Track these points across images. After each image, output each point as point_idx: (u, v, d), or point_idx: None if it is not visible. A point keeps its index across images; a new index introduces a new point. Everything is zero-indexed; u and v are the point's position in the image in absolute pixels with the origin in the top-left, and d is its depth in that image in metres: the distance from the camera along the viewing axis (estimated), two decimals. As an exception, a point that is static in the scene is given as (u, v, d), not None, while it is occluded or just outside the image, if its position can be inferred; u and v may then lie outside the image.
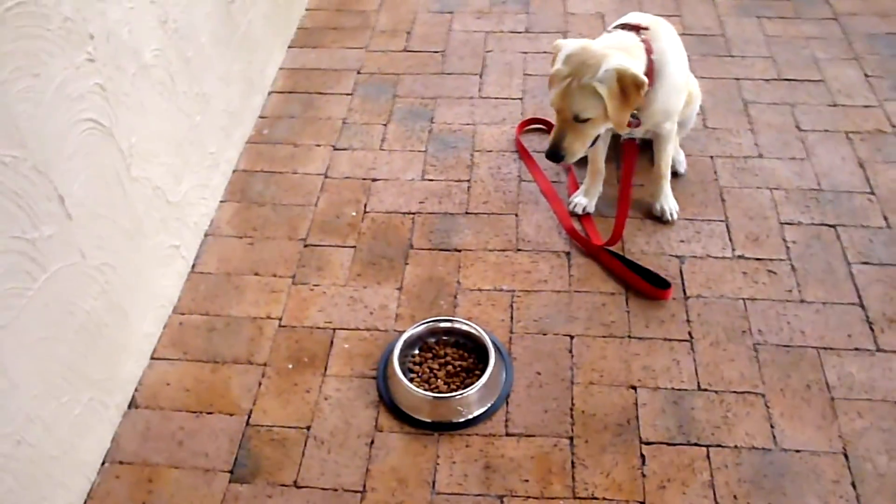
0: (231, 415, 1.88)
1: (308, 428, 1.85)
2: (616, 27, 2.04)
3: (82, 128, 1.65)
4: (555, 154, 1.98)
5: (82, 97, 1.65)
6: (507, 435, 1.83)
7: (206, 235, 2.32)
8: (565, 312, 2.08)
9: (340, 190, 2.46)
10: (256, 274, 2.21)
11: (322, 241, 2.30)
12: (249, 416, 1.88)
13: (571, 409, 1.87)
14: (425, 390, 1.88)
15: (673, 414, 1.85)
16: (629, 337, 2.02)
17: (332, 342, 2.03)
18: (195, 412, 1.89)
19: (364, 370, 1.97)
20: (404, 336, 1.97)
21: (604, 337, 2.02)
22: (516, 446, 1.80)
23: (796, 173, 2.45)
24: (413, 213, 2.38)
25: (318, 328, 2.07)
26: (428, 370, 1.96)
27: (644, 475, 1.74)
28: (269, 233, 2.33)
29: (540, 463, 1.77)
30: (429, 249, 2.26)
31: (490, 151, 2.57)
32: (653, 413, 1.86)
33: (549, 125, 2.64)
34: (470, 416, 1.85)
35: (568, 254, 2.23)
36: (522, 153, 2.54)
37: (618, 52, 1.87)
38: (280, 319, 2.09)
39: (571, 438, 1.81)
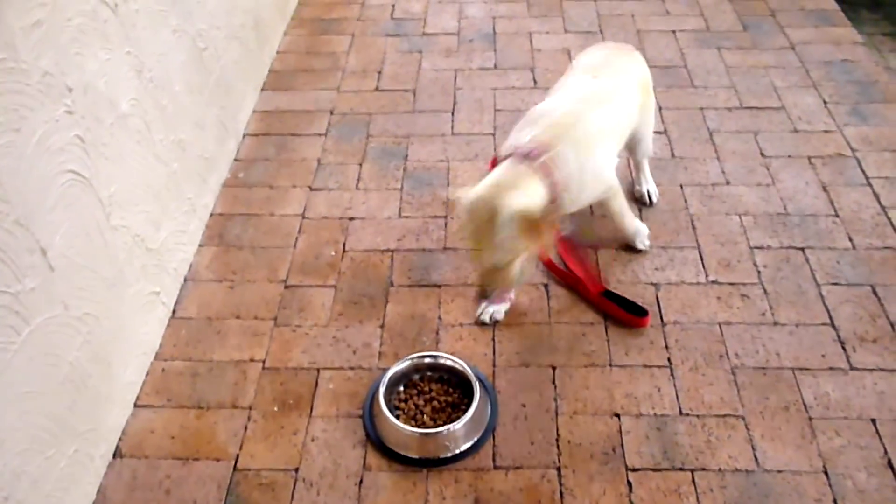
0: (218, 460, 1.88)
1: (296, 470, 1.85)
2: (506, 157, 1.93)
3: (63, 180, 1.66)
4: (487, 295, 2.04)
5: (62, 150, 1.66)
6: (496, 468, 1.84)
7: (185, 280, 2.33)
8: (546, 343, 2.11)
9: (318, 230, 2.48)
10: (238, 317, 2.22)
11: (302, 282, 2.32)
12: (237, 461, 1.87)
13: (557, 440, 1.89)
14: (412, 427, 1.89)
15: (657, 440, 1.88)
16: (610, 365, 2.05)
17: (316, 383, 2.04)
18: (181, 459, 1.88)
19: (350, 409, 1.98)
20: (389, 373, 1.99)
21: (585, 366, 2.05)
22: (505, 479, 1.82)
23: (763, 199, 2.52)
24: (392, 251, 2.40)
25: (303, 369, 2.07)
26: (414, 406, 1.97)
27: (632, 502, 1.77)
28: (248, 275, 2.34)
29: (529, 495, 1.79)
30: (409, 286, 2.29)
31: (465, 187, 2.61)
32: (637, 440, 1.88)
33: (521, 159, 2.69)
34: (457, 451, 1.86)
35: (546, 285, 2.27)
36: (497, 188, 2.58)
37: (511, 193, 1.80)
38: (264, 362, 2.10)
39: (559, 469, 1.83)
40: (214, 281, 2.33)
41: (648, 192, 2.50)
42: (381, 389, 1.94)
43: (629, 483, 1.80)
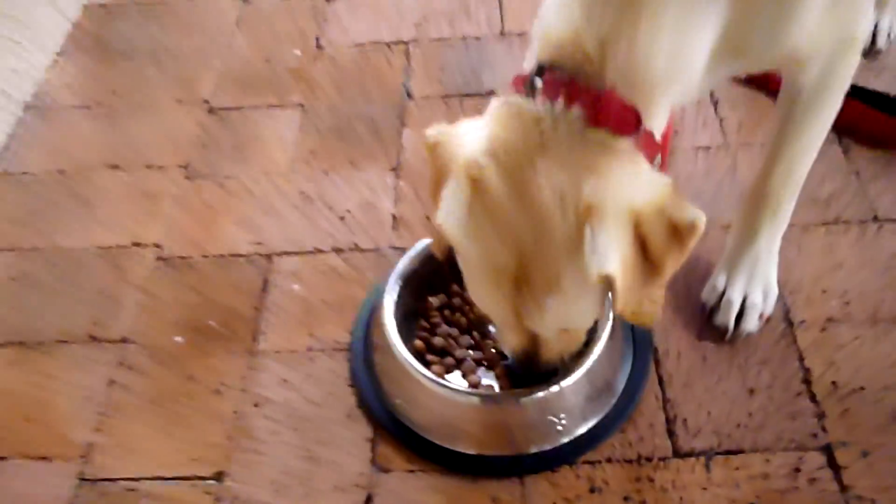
0: (49, 460, 0.84)
1: (219, 477, 0.81)
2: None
3: None
4: (528, 375, 0.79)
5: None
6: (679, 456, 0.80)
7: (26, 110, 1.25)
8: (727, 192, 1.04)
9: (271, 19, 1.39)
10: (115, 167, 1.15)
11: (242, 102, 1.24)
12: (87, 459, 0.83)
13: (806, 378, 0.84)
14: (458, 386, 0.85)
15: None
16: (876, 221, 0.99)
17: (264, 283, 0.98)
18: (-19, 458, 0.85)
19: (337, 335, 0.93)
20: (404, 262, 0.92)
21: (823, 224, 0.98)
22: (707, 479, 0.77)
23: None
24: (406, 43, 1.31)
25: (238, 257, 1.01)
26: (455, 334, 0.92)
27: None
28: (142, 96, 1.26)
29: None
30: (443, 98, 1.21)
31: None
32: (983, 375, 0.83)
33: None
34: (574, 436, 0.82)
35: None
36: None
37: (610, 167, 0.62)
38: (160, 248, 1.04)
39: (828, 447, 0.79)
40: (79, 108, 1.25)
41: (887, 29, 1.21)
42: (390, 297, 0.88)
43: None
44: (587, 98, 0.62)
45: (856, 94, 1.06)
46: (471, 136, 0.67)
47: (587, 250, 0.61)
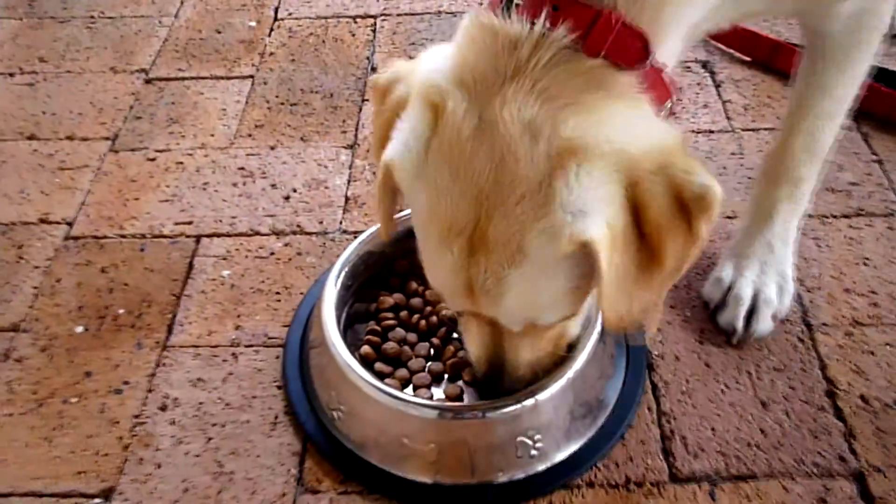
0: None
1: (106, 495, 0.65)
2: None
3: None
4: (496, 386, 0.64)
5: None
6: (677, 481, 0.65)
7: (-61, 77, 1.10)
8: (734, 172, 0.90)
9: (225, -11, 1.25)
10: (32, 137, 1.00)
11: (184, 72, 1.09)
12: (-51, 472, 0.68)
13: (830, 391, 0.70)
14: (410, 394, 0.72)
15: None
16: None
17: (189, 267, 0.83)
18: None
19: (270, 329, 0.77)
20: (354, 247, 0.77)
21: (844, 217, 0.85)
22: (710, 512, 0.63)
23: None
24: (373, 17, 1.18)
25: (161, 238, 0.86)
26: (410, 338, 0.77)
27: None
28: (74, 64, 1.12)
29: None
30: (411, 71, 1.07)
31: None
32: None
33: None
34: (550, 463, 0.66)
35: (706, 64, 1.06)
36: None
37: (602, 105, 0.49)
38: (70, 225, 0.88)
39: (859, 474, 0.64)
40: (2, 75, 1.11)
41: None
42: (333, 288, 0.73)
43: None
44: (579, 17, 0.48)
45: (876, 76, 0.93)
46: (433, 62, 0.53)
47: (559, 204, 0.46)
